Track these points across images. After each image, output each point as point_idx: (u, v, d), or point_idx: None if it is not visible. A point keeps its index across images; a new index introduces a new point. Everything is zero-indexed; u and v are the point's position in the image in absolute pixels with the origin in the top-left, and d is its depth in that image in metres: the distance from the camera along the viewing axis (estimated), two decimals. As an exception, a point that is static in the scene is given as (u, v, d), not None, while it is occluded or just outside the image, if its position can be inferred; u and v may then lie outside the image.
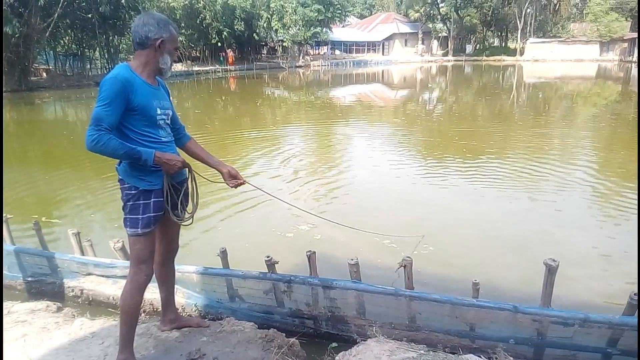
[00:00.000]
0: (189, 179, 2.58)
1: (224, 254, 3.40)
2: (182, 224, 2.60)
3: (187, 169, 2.54)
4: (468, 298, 2.95)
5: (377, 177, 7.89)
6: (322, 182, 7.77)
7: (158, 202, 2.40)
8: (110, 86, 2.20)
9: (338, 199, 6.80)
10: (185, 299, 3.58)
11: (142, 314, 3.27)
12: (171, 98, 2.61)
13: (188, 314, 3.58)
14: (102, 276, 3.74)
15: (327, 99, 22.56)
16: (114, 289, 3.72)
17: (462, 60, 54.73)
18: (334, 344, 3.28)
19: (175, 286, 3.57)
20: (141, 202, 2.34)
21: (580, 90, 25.17)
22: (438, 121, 14.96)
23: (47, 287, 3.95)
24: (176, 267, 3.52)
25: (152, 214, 2.38)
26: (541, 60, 51.24)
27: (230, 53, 43.19)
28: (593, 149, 10.04)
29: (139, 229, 2.36)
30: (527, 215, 5.93)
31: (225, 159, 9.35)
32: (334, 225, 5.54)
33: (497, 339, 2.94)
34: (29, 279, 3.99)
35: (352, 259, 3.13)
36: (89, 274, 3.78)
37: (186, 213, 2.60)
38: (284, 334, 2.82)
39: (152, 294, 3.63)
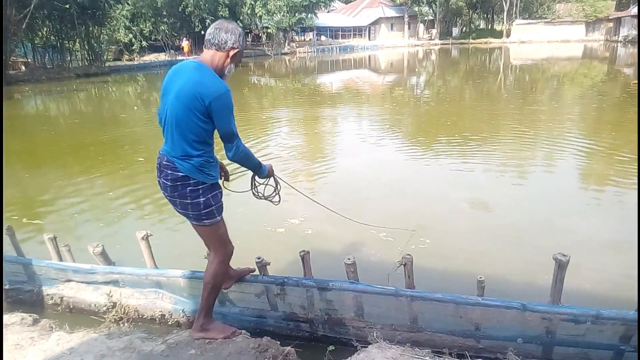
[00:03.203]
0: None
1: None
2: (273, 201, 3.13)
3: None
4: (473, 296, 2.78)
5: (366, 165, 7.69)
6: (310, 170, 7.57)
7: (220, 192, 2.63)
8: (231, 99, 2.38)
9: (326, 189, 6.61)
10: (173, 304, 3.37)
11: (126, 323, 3.06)
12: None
13: (175, 320, 3.38)
14: (83, 282, 3.51)
15: (314, 86, 22.24)
16: (95, 296, 3.50)
17: (449, 44, 54.46)
18: (332, 347, 3.11)
19: (162, 292, 3.38)
20: (209, 194, 2.49)
21: (566, 71, 25.12)
22: (427, 105, 14.77)
23: (24, 295, 3.72)
24: (161, 271, 3.33)
25: (220, 202, 2.59)
26: (527, 41, 51.10)
27: (185, 42, 39.31)
28: (584, 132, 9.93)
29: (218, 217, 2.56)
30: (524, 203, 5.77)
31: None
32: (325, 219, 5.36)
33: (503, 338, 2.78)
34: (6, 287, 3.75)
35: (349, 258, 2.95)
36: (69, 281, 3.55)
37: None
38: (279, 342, 2.63)
39: (137, 300, 3.44)
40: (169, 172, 2.42)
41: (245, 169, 2.75)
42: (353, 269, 2.95)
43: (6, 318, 2.97)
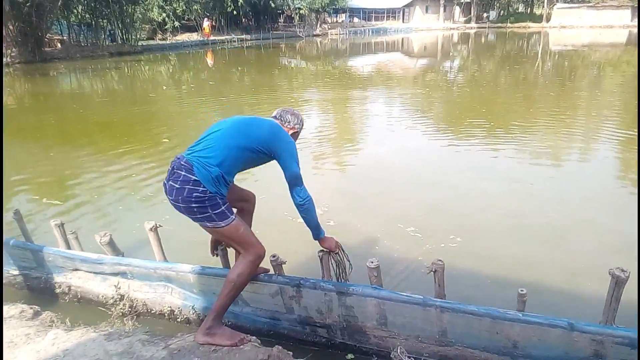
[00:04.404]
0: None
1: (223, 252, 2.95)
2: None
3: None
4: (512, 311, 2.45)
5: (396, 152, 7.31)
6: (338, 155, 7.29)
7: (227, 202, 2.47)
8: (296, 149, 2.56)
9: (353, 176, 6.34)
10: (182, 300, 3.16)
11: (130, 321, 2.86)
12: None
13: (185, 316, 3.17)
14: (90, 272, 3.33)
15: (345, 68, 21.78)
16: (103, 287, 3.31)
17: (486, 28, 52.74)
18: (351, 356, 2.86)
19: (171, 286, 3.17)
20: (214, 202, 2.35)
21: (609, 58, 23.85)
22: (461, 91, 14.20)
23: (32, 282, 3.58)
24: (170, 265, 3.12)
25: (227, 203, 2.44)
26: (568, 26, 48.91)
27: (206, 23, 37.65)
28: (628, 122, 9.25)
29: (231, 215, 2.42)
30: (564, 198, 5.34)
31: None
32: (348, 210, 5.09)
33: (545, 358, 2.46)
34: (14, 272, 3.62)
35: (372, 261, 2.65)
36: (76, 270, 3.37)
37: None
38: (291, 353, 2.37)
39: (145, 293, 3.24)
40: (183, 173, 2.33)
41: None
42: (376, 273, 2.65)
43: (5, 310, 2.80)
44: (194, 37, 38.45)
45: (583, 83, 15.01)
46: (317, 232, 2.67)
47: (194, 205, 2.32)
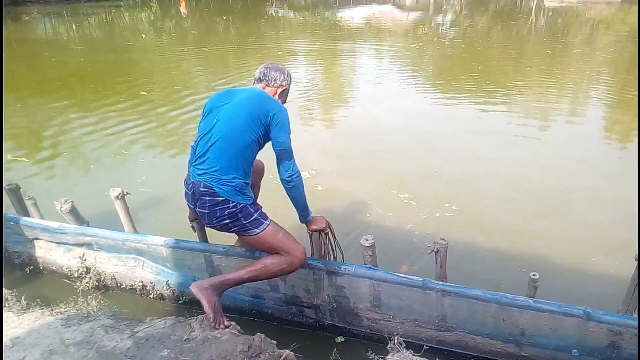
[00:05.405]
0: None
1: (200, 225, 2.63)
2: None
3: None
4: (521, 297, 2.20)
5: (389, 112, 6.94)
6: (328, 115, 6.92)
7: (258, 206, 2.36)
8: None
9: (345, 138, 5.97)
10: (155, 274, 2.86)
11: (94, 301, 2.53)
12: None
13: (158, 292, 2.88)
14: (52, 242, 3.00)
15: (335, 20, 20.95)
16: (67, 258, 2.99)
17: (479, -19, 51.26)
18: (341, 339, 2.62)
19: (142, 259, 2.87)
20: (246, 210, 2.23)
21: (603, 15, 23.29)
22: (454, 46, 13.69)
23: (-11, 251, 3.25)
24: (140, 237, 2.80)
25: (259, 208, 2.32)
26: (563, -19, 47.79)
27: None
28: (624, 84, 8.94)
29: (265, 221, 2.27)
30: (560, 163, 5.06)
31: (223, 83, 8.43)
32: (337, 173, 4.77)
33: (555, 347, 2.24)
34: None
35: (367, 239, 2.37)
36: (36, 239, 3.04)
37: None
38: (275, 342, 2.10)
39: (114, 266, 2.94)
40: (207, 198, 2.19)
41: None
42: (371, 252, 2.37)
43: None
44: (177, -18, 36.69)
45: (580, 41, 14.57)
46: (304, 213, 2.42)
47: (227, 221, 2.21)
